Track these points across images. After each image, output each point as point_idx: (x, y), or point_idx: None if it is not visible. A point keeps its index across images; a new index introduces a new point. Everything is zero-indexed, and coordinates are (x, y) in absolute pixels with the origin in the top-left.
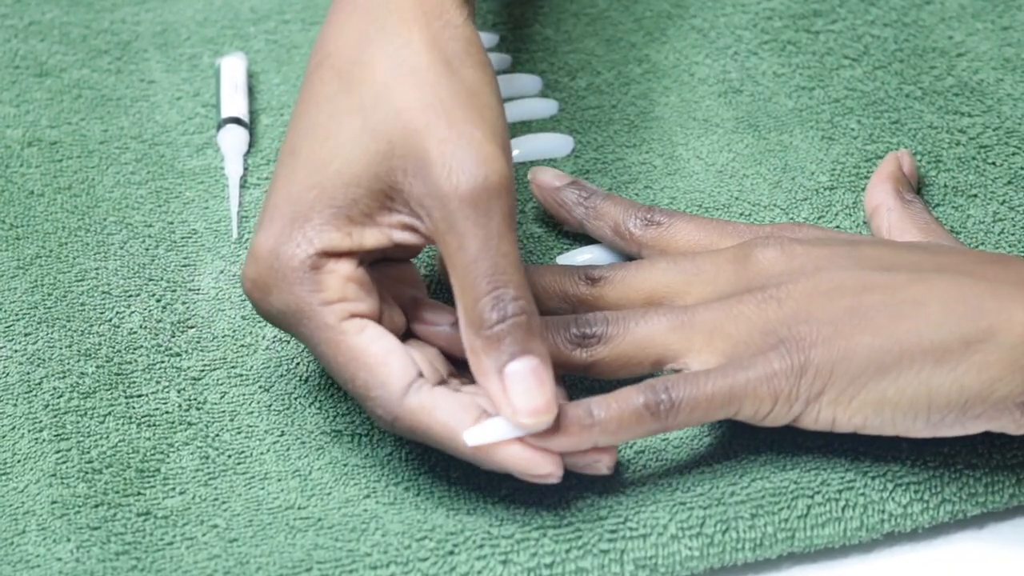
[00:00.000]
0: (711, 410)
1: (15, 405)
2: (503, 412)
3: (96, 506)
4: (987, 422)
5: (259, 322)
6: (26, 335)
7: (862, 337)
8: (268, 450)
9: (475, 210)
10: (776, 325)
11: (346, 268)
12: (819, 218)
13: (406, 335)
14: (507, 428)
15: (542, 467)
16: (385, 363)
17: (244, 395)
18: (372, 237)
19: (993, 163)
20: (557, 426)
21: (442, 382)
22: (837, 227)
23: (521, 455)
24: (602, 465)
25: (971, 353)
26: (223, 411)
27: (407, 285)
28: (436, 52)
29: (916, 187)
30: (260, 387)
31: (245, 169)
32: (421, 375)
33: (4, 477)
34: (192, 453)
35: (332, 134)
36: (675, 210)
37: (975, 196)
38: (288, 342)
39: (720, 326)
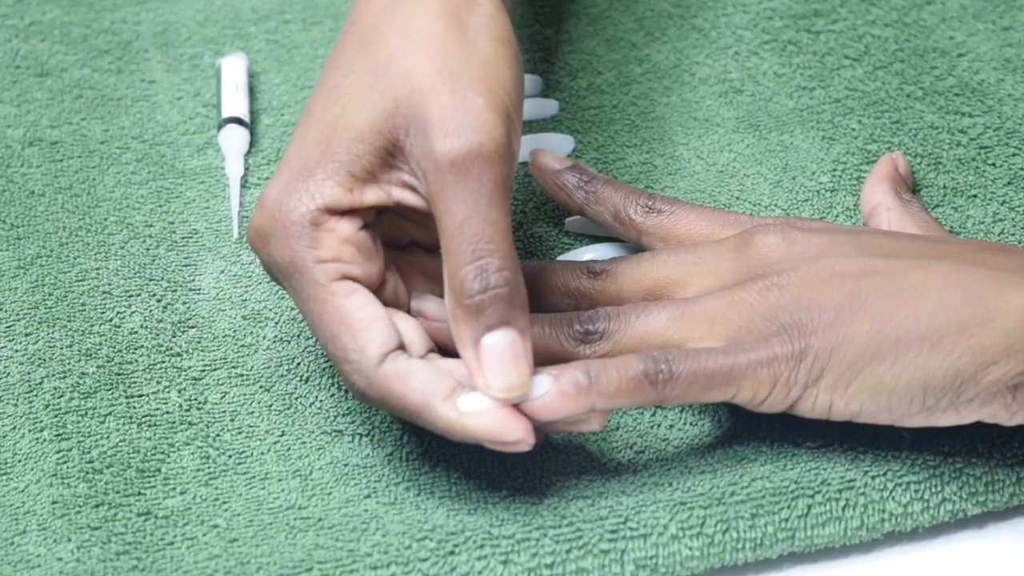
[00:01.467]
0: (709, 387)
1: (16, 405)
2: (476, 384)
3: (97, 506)
4: (980, 407)
5: (260, 322)
6: (27, 335)
7: (861, 323)
8: (269, 450)
9: (466, 175)
10: (778, 311)
11: (347, 229)
12: (820, 218)
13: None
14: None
15: (511, 434)
16: (367, 329)
17: (245, 395)
18: (373, 194)
19: (993, 164)
20: (555, 387)
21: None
22: None
23: (491, 424)
24: (594, 422)
25: (967, 338)
26: (224, 411)
27: (428, 278)
28: (454, 23)
29: (912, 188)
30: (261, 387)
31: (246, 169)
32: (402, 347)
33: (5, 477)
34: (193, 453)
35: (345, 92)
36: (675, 198)
37: (975, 196)
38: (289, 342)
39: (722, 313)
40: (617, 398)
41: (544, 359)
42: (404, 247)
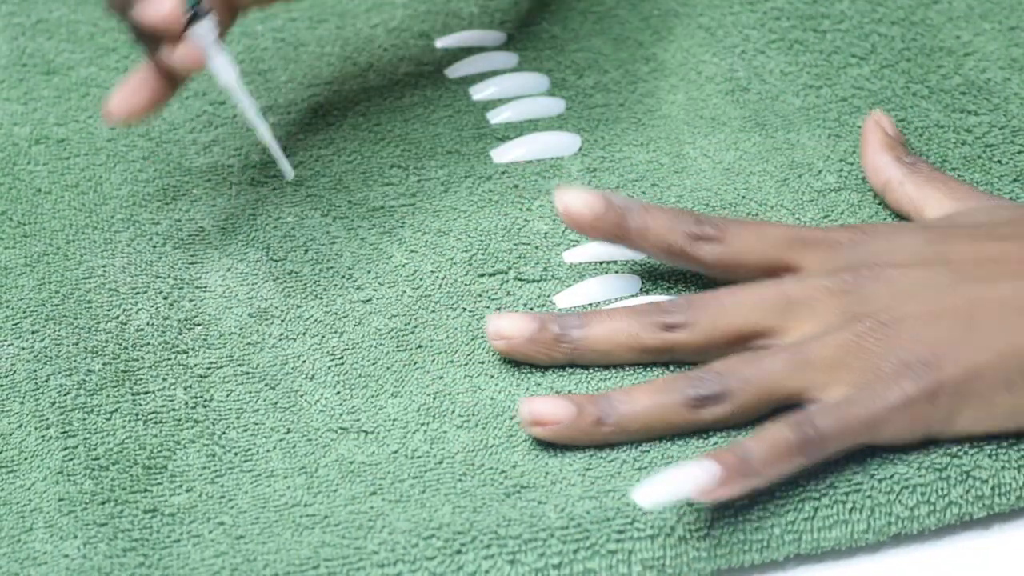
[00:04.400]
0: (853, 438)
1: (22, 403)
2: None
3: (103, 503)
4: None
5: (266, 320)
6: (33, 332)
7: (984, 355)
8: (274, 447)
9: None
10: (898, 351)
11: None
12: (825, 217)
13: None
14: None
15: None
16: None
17: (250, 392)
18: None
19: (999, 161)
20: (719, 473)
21: None
22: (842, 225)
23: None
24: None
25: None
26: (229, 408)
27: None
28: None
29: (903, 142)
30: (266, 385)
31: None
32: None
33: (11, 474)
34: (199, 450)
35: None
36: (720, 217)
37: None
38: (294, 340)
39: (840, 360)
40: (772, 473)
41: (661, 430)
42: None
